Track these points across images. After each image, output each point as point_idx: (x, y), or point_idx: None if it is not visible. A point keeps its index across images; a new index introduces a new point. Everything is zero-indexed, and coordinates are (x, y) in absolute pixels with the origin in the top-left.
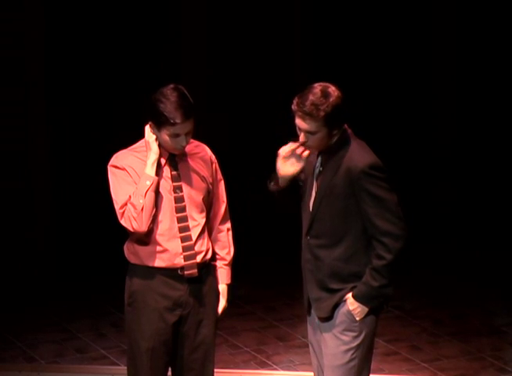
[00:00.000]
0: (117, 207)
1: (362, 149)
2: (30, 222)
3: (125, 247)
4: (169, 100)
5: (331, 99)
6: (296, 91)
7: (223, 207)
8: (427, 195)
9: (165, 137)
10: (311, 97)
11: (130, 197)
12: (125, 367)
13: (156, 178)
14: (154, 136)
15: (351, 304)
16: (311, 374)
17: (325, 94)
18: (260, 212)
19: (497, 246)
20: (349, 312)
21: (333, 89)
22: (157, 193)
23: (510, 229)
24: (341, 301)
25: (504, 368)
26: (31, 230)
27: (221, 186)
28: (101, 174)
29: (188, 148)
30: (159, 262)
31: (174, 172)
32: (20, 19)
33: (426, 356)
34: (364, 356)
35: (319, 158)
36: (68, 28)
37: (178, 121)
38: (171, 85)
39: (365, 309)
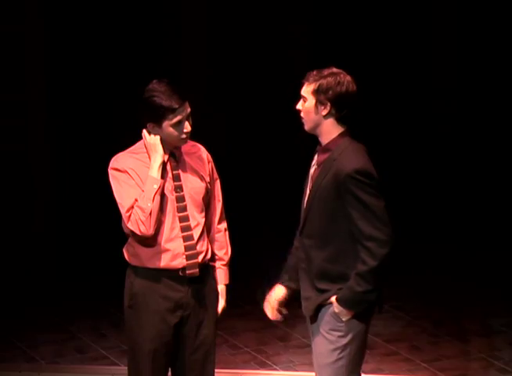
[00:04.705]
0: (123, 211)
1: (354, 153)
2: (30, 223)
3: (125, 249)
4: (160, 91)
5: (334, 78)
6: (295, 91)
7: (219, 206)
8: (427, 195)
9: (169, 129)
10: (325, 69)
11: (136, 200)
12: (125, 367)
13: (162, 181)
14: (158, 137)
15: (335, 307)
16: (312, 374)
17: (334, 74)
18: (259, 212)
19: (497, 246)
20: (335, 313)
21: (347, 78)
22: (162, 195)
23: (509, 229)
24: (326, 302)
25: (504, 368)
26: (32, 230)
27: (217, 185)
28: (101, 174)
29: (185, 148)
30: (161, 263)
31: (174, 172)
32: (20, 20)
33: (426, 356)
34: (353, 357)
35: (315, 156)
36: (68, 28)
37: (176, 105)
38: (154, 81)
39: (350, 313)
